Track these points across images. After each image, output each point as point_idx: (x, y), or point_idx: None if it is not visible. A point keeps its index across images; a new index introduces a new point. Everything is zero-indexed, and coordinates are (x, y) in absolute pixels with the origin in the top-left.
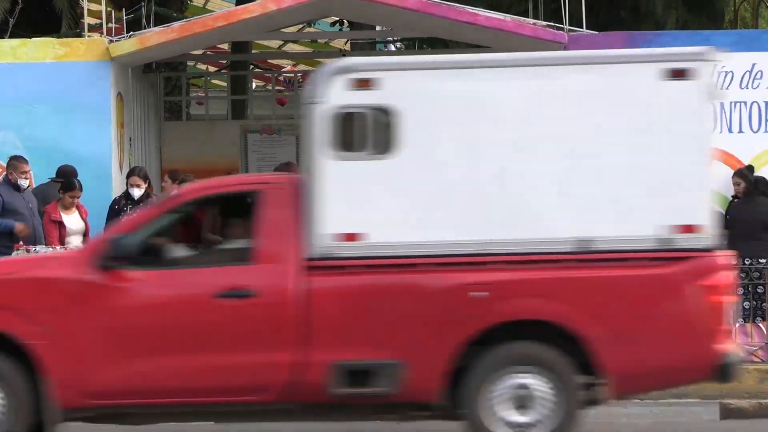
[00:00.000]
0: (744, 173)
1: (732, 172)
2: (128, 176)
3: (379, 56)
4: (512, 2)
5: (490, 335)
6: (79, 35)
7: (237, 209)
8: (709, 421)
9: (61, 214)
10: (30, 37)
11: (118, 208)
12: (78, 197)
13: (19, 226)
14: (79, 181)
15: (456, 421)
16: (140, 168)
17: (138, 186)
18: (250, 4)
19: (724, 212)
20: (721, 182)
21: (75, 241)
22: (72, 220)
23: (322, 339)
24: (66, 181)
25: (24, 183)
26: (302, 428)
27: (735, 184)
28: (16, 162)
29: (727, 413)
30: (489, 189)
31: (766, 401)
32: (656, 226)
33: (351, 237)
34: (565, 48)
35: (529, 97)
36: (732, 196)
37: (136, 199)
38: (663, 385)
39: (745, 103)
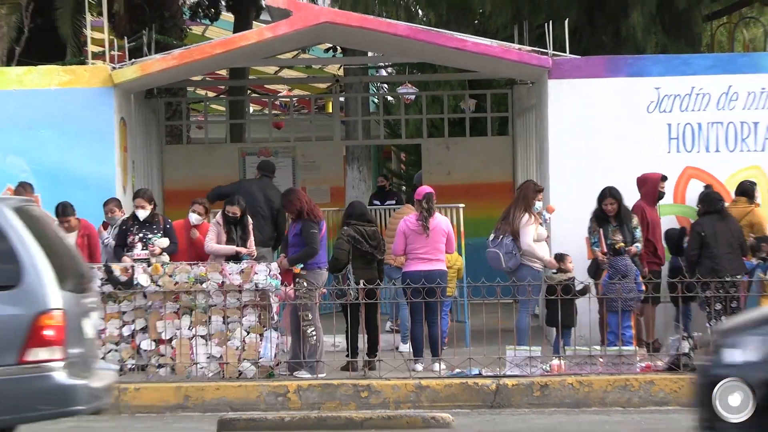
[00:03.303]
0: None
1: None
2: (134, 198)
3: None
4: (498, 28)
5: None
6: (83, 62)
7: None
8: (688, 428)
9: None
10: (36, 65)
11: (125, 228)
12: (66, 222)
13: None
14: (68, 206)
15: None
16: (145, 190)
17: (143, 207)
18: (247, 32)
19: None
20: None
21: None
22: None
23: None
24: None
25: None
26: None
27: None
28: (21, 189)
29: None
30: None
31: None
32: None
33: None
34: (549, 72)
35: None
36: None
37: (141, 219)
38: None
39: (722, 123)
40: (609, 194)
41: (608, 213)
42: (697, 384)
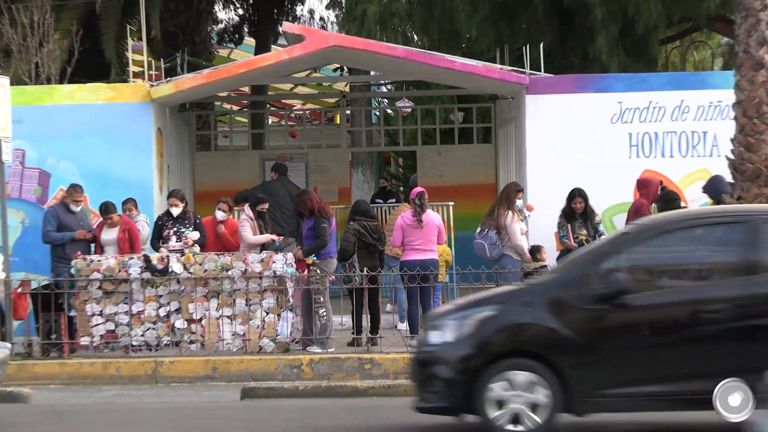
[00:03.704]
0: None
1: None
2: (168, 197)
3: None
4: (483, 51)
5: None
6: (125, 81)
7: None
8: None
9: (103, 228)
10: (84, 83)
11: (161, 223)
12: (110, 219)
13: (78, 234)
14: (110, 205)
15: None
16: (178, 190)
17: (176, 205)
18: (267, 54)
19: None
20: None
21: (110, 251)
22: (109, 233)
23: None
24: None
25: (75, 208)
26: None
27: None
28: (72, 190)
29: None
30: None
31: None
32: None
33: None
34: (527, 88)
35: None
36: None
37: (175, 216)
38: None
39: (675, 132)
40: (578, 194)
41: (576, 211)
42: (412, 361)
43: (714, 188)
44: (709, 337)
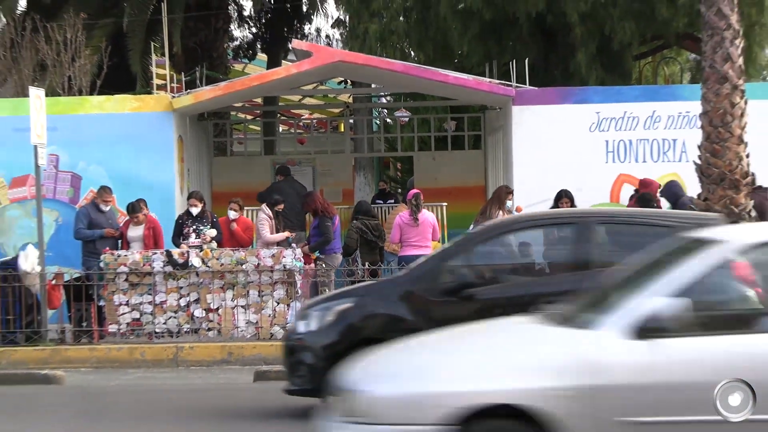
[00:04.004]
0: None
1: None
2: (188, 198)
3: None
4: (473, 65)
5: None
6: (149, 92)
7: None
8: None
9: (130, 226)
10: (112, 94)
11: (181, 222)
12: (136, 218)
13: (107, 231)
14: (136, 205)
15: None
16: (197, 192)
17: (195, 205)
18: (278, 68)
19: None
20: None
21: (136, 247)
22: (135, 230)
23: None
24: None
25: (104, 208)
26: None
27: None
28: (102, 191)
29: None
30: None
31: None
32: None
33: None
34: (513, 100)
35: None
36: None
37: (194, 215)
38: None
39: (648, 140)
40: (564, 195)
41: None
42: (282, 348)
43: (670, 192)
44: None
